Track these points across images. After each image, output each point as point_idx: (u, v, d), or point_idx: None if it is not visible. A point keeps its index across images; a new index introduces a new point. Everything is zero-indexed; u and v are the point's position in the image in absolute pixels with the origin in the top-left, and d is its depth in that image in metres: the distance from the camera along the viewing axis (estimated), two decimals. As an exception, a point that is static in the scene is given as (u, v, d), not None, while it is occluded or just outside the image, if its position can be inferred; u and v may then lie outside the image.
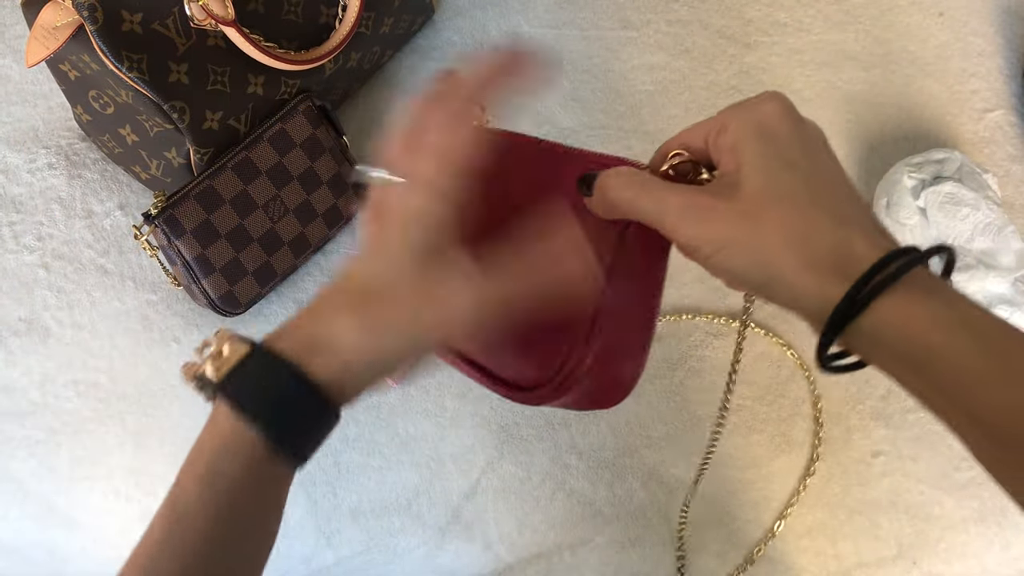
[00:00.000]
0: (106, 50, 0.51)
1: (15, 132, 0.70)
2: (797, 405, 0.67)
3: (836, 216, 0.31)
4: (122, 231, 0.68)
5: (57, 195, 0.69)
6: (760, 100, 0.34)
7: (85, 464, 0.64)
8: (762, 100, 0.34)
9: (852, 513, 0.65)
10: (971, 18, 0.76)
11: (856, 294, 0.30)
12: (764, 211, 0.32)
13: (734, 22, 0.76)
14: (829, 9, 0.75)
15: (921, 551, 0.65)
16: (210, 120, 0.58)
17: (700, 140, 0.36)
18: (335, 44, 0.62)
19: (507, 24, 0.75)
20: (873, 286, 0.29)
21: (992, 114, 0.74)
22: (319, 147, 0.64)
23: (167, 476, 0.67)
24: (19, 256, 0.67)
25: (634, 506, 0.65)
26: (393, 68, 0.74)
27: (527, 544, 0.64)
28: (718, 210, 0.32)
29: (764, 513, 0.65)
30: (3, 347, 0.65)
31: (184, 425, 0.64)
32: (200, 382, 0.35)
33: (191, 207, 0.59)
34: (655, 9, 0.76)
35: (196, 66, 0.56)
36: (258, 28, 0.58)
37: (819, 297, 0.31)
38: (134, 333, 0.66)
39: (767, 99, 0.34)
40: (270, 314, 0.67)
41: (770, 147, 0.33)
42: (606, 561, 0.64)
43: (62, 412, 0.64)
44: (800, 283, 0.31)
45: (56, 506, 0.63)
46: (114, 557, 0.63)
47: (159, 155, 0.62)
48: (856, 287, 0.30)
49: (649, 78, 0.74)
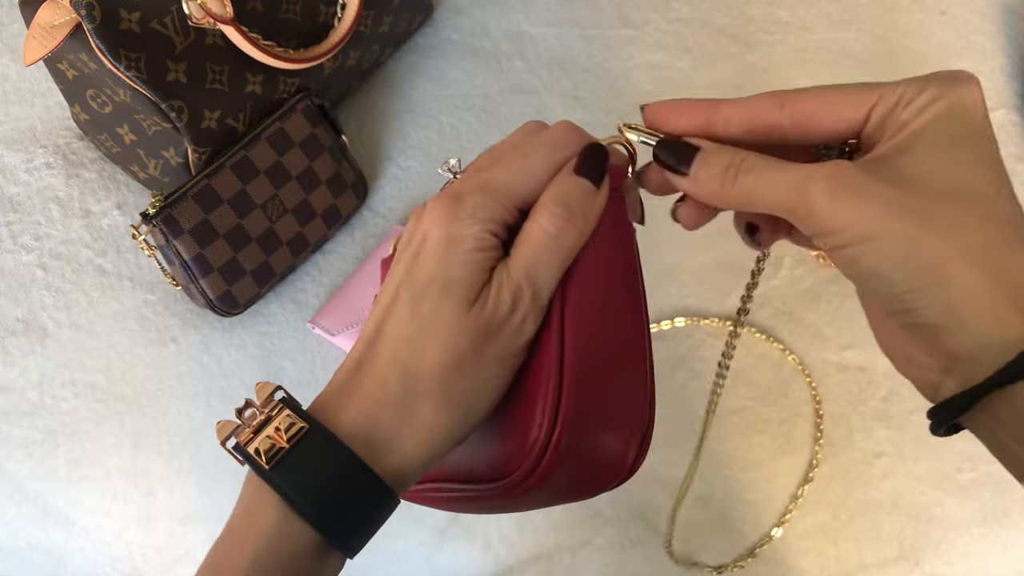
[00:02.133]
0: (104, 49, 0.51)
1: (12, 131, 0.70)
2: (799, 406, 0.66)
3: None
4: (120, 231, 0.68)
5: (55, 194, 0.68)
6: (954, 80, 0.28)
7: (83, 465, 0.63)
8: (957, 80, 0.28)
9: (854, 514, 0.65)
10: (973, 17, 0.76)
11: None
12: (941, 208, 0.26)
13: (735, 21, 0.75)
14: (831, 8, 0.75)
15: (923, 552, 0.64)
16: (208, 119, 0.58)
17: (851, 109, 0.29)
18: (334, 43, 0.61)
19: (507, 23, 0.75)
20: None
21: (994, 113, 0.73)
22: (318, 146, 0.64)
23: (165, 476, 0.67)
24: (16, 256, 0.67)
25: (634, 507, 0.64)
26: (392, 67, 0.74)
27: (527, 545, 0.64)
28: (876, 194, 0.27)
29: (765, 514, 0.65)
30: (0, 347, 0.65)
31: (182, 426, 0.64)
32: (241, 453, 0.30)
33: (189, 207, 0.59)
34: (656, 8, 0.76)
35: (194, 65, 0.56)
36: (257, 27, 0.57)
37: (995, 333, 0.25)
38: (132, 333, 0.66)
39: (964, 81, 0.28)
40: (268, 314, 0.66)
41: (962, 136, 0.27)
42: (606, 562, 0.64)
43: (60, 412, 0.64)
44: (974, 308, 0.26)
45: (54, 507, 0.63)
46: (112, 558, 0.63)
47: (157, 154, 0.62)
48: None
49: (650, 77, 0.74)
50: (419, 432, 0.30)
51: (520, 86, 0.73)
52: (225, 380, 0.65)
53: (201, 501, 0.63)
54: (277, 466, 0.29)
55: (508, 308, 0.31)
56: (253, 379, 0.65)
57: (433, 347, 0.30)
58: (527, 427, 0.31)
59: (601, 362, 0.32)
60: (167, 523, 0.63)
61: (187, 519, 0.63)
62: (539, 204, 0.32)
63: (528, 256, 0.31)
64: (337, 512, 0.29)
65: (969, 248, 0.26)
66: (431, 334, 0.30)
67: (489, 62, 0.74)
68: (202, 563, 0.31)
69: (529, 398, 0.31)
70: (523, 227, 0.32)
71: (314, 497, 0.29)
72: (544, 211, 0.31)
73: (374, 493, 0.29)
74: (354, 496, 0.29)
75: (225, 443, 0.31)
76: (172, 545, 0.63)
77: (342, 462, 0.29)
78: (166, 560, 0.63)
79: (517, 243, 0.32)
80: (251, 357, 0.65)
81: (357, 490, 0.29)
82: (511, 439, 0.32)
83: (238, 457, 0.31)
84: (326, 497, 0.29)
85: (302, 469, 0.29)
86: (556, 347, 0.31)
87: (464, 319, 0.30)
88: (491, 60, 0.74)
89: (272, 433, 0.30)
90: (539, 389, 0.31)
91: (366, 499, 0.29)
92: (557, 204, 0.31)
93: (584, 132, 0.34)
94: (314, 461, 0.29)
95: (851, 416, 0.66)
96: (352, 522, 0.30)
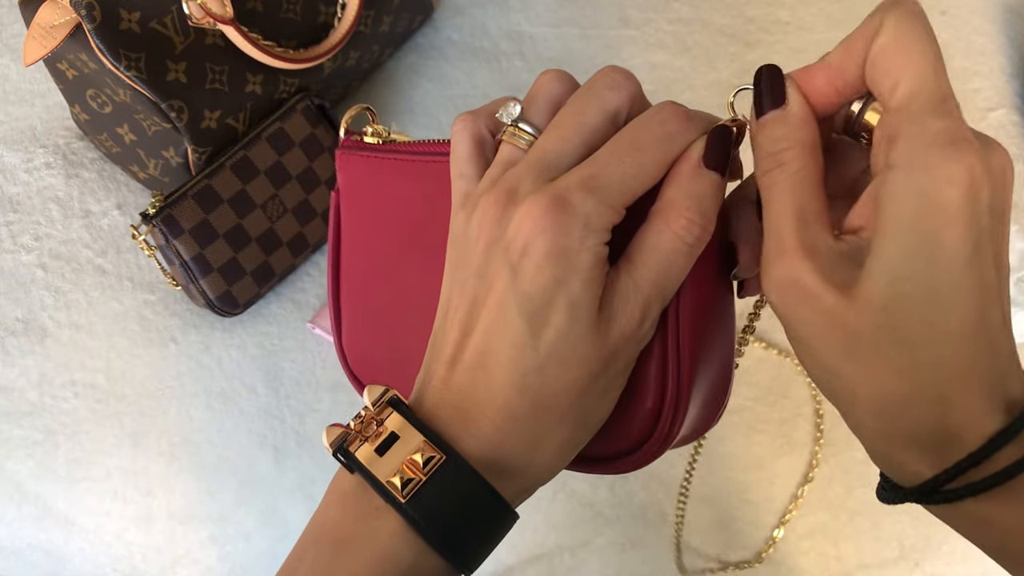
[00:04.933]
0: (104, 49, 0.51)
1: (12, 131, 0.70)
2: (799, 406, 0.66)
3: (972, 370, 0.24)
4: (120, 231, 0.68)
5: (55, 194, 0.68)
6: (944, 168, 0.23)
7: (83, 465, 0.63)
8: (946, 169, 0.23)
9: (854, 514, 0.65)
10: (973, 16, 0.76)
11: (944, 482, 0.25)
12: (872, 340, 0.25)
13: (735, 20, 0.75)
14: (831, 8, 0.75)
15: (923, 553, 0.64)
16: (208, 119, 0.58)
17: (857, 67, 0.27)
18: (334, 43, 0.61)
19: (507, 23, 0.75)
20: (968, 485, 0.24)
21: (995, 113, 0.73)
22: (318, 146, 0.64)
23: (165, 476, 0.67)
24: (16, 256, 0.67)
25: (635, 507, 0.64)
26: (393, 67, 0.74)
27: (527, 545, 0.64)
28: (817, 304, 0.26)
29: (765, 514, 0.65)
30: (0, 347, 0.65)
31: (182, 426, 0.64)
32: (348, 461, 0.29)
33: (189, 207, 0.59)
34: (656, 8, 0.76)
35: (194, 65, 0.56)
36: (257, 27, 0.57)
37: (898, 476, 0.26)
38: (132, 333, 0.66)
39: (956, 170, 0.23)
40: (268, 314, 0.66)
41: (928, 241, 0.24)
42: (607, 562, 0.64)
43: (60, 413, 0.64)
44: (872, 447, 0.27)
45: (54, 507, 0.63)
46: (112, 558, 0.63)
47: (157, 154, 0.62)
48: (946, 473, 0.25)
49: (650, 77, 0.74)
50: (549, 455, 0.29)
51: (520, 86, 0.73)
52: (225, 380, 0.65)
53: (201, 501, 0.63)
54: (414, 498, 0.27)
55: (637, 323, 0.28)
56: (253, 379, 0.65)
57: (565, 375, 0.28)
58: (643, 398, 0.31)
59: (705, 327, 0.32)
60: (167, 523, 0.63)
61: (187, 519, 0.63)
62: (669, 206, 0.28)
63: (660, 267, 0.28)
64: (467, 540, 0.28)
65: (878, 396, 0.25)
66: (561, 363, 0.28)
67: (489, 62, 0.74)
68: (289, 573, 0.30)
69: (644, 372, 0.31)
70: (646, 231, 0.29)
71: (449, 529, 0.28)
72: (679, 217, 0.28)
73: (502, 517, 0.29)
74: (484, 523, 0.29)
75: (337, 453, 0.29)
76: (172, 545, 0.63)
77: (476, 493, 0.28)
78: (166, 560, 0.63)
79: (640, 249, 0.28)
80: (251, 357, 0.65)
81: (487, 517, 0.29)
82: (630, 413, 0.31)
83: (349, 467, 0.29)
84: (460, 528, 0.28)
85: (438, 501, 0.28)
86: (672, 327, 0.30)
87: (594, 343, 0.28)
88: (491, 60, 0.74)
89: (405, 459, 0.28)
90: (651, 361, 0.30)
91: (494, 524, 0.29)
92: (694, 210, 0.28)
93: (694, 113, 0.30)
94: (449, 492, 0.28)
95: (851, 416, 0.66)
96: (479, 547, 0.29)
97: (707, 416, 0.34)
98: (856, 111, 0.28)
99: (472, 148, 0.31)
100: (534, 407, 0.28)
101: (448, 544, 0.28)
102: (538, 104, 0.31)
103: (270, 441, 0.63)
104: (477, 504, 0.28)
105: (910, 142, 0.24)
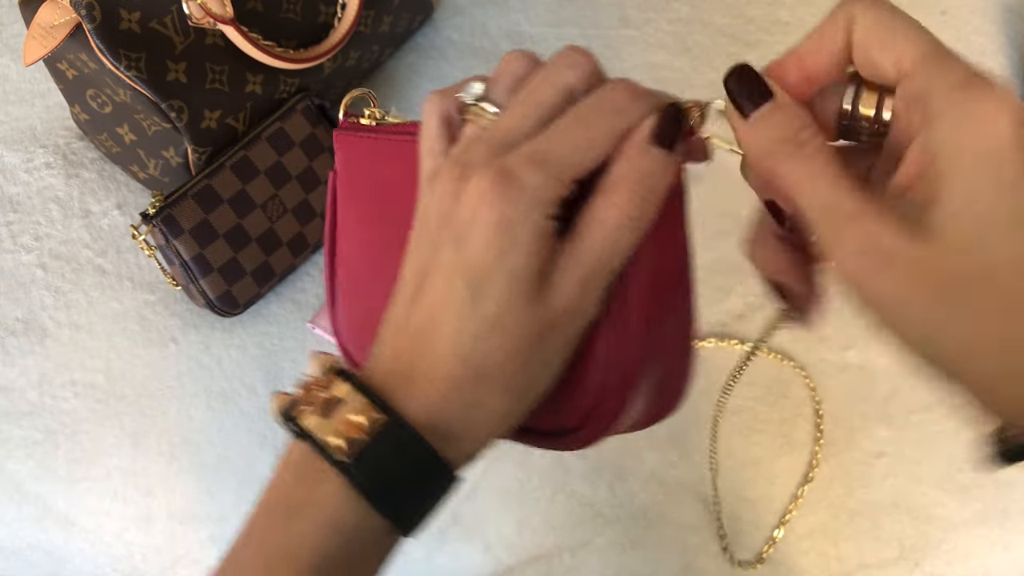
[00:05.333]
0: (104, 49, 0.51)
1: (12, 131, 0.70)
2: (799, 406, 0.66)
3: None
4: (120, 231, 0.68)
5: (55, 194, 0.68)
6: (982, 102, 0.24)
7: (83, 465, 0.63)
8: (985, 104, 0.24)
9: (854, 514, 0.65)
10: (973, 17, 0.76)
11: None
12: (976, 279, 0.24)
13: (735, 20, 0.75)
14: (831, 8, 0.75)
15: (923, 553, 0.64)
16: (208, 119, 0.58)
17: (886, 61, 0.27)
18: (334, 43, 0.61)
19: (507, 23, 0.75)
20: None
21: (995, 113, 0.73)
22: (318, 146, 0.64)
23: (165, 476, 0.67)
24: (16, 256, 0.67)
25: (635, 508, 0.64)
26: (392, 66, 0.74)
27: (527, 546, 0.64)
28: (900, 260, 0.25)
29: (765, 514, 0.65)
30: (0, 347, 0.65)
31: (182, 426, 0.64)
32: (295, 428, 0.29)
33: (189, 207, 0.59)
34: (656, 7, 0.76)
35: (194, 65, 0.56)
36: (257, 27, 0.57)
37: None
38: (132, 333, 0.66)
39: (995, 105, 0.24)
40: (268, 314, 0.66)
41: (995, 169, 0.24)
42: (606, 563, 0.64)
43: (60, 413, 0.64)
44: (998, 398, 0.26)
45: (54, 507, 0.63)
46: (112, 558, 0.63)
47: (157, 154, 0.62)
48: None
49: (650, 77, 0.74)
50: (488, 422, 0.30)
51: (520, 86, 0.73)
52: (225, 380, 0.65)
53: (201, 501, 0.63)
54: (358, 459, 0.28)
55: (579, 296, 0.29)
56: (253, 379, 0.65)
57: (503, 344, 0.29)
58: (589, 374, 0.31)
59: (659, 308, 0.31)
60: (167, 523, 0.63)
61: (187, 519, 0.63)
62: (615, 182, 0.28)
63: (604, 242, 0.28)
64: (408, 501, 0.30)
65: (995, 333, 0.25)
66: (499, 332, 0.28)
67: (489, 62, 0.74)
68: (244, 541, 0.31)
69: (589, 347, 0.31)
70: (592, 205, 0.29)
71: (390, 489, 0.29)
72: (624, 191, 0.28)
73: (443, 481, 0.30)
74: (425, 485, 0.30)
75: (285, 420, 0.29)
76: (172, 545, 0.63)
77: (419, 456, 0.29)
78: (166, 560, 0.63)
79: (586, 223, 0.29)
80: (251, 357, 0.65)
81: (429, 480, 0.29)
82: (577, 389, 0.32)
83: (295, 433, 0.29)
84: (401, 489, 0.29)
85: (381, 463, 0.28)
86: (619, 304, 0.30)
87: (533, 313, 0.28)
88: (491, 60, 0.74)
89: (349, 422, 0.28)
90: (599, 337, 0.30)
91: (435, 486, 0.30)
92: (640, 184, 0.28)
93: (645, 90, 0.30)
94: (391, 453, 0.28)
95: (851, 416, 0.66)
96: (421, 509, 0.30)
97: (663, 402, 0.34)
98: (848, 107, 0.28)
99: (439, 126, 0.32)
100: (476, 376, 0.29)
101: (390, 503, 0.29)
102: (501, 84, 0.32)
103: (270, 441, 0.63)
104: (419, 466, 0.29)
105: (944, 92, 0.25)
